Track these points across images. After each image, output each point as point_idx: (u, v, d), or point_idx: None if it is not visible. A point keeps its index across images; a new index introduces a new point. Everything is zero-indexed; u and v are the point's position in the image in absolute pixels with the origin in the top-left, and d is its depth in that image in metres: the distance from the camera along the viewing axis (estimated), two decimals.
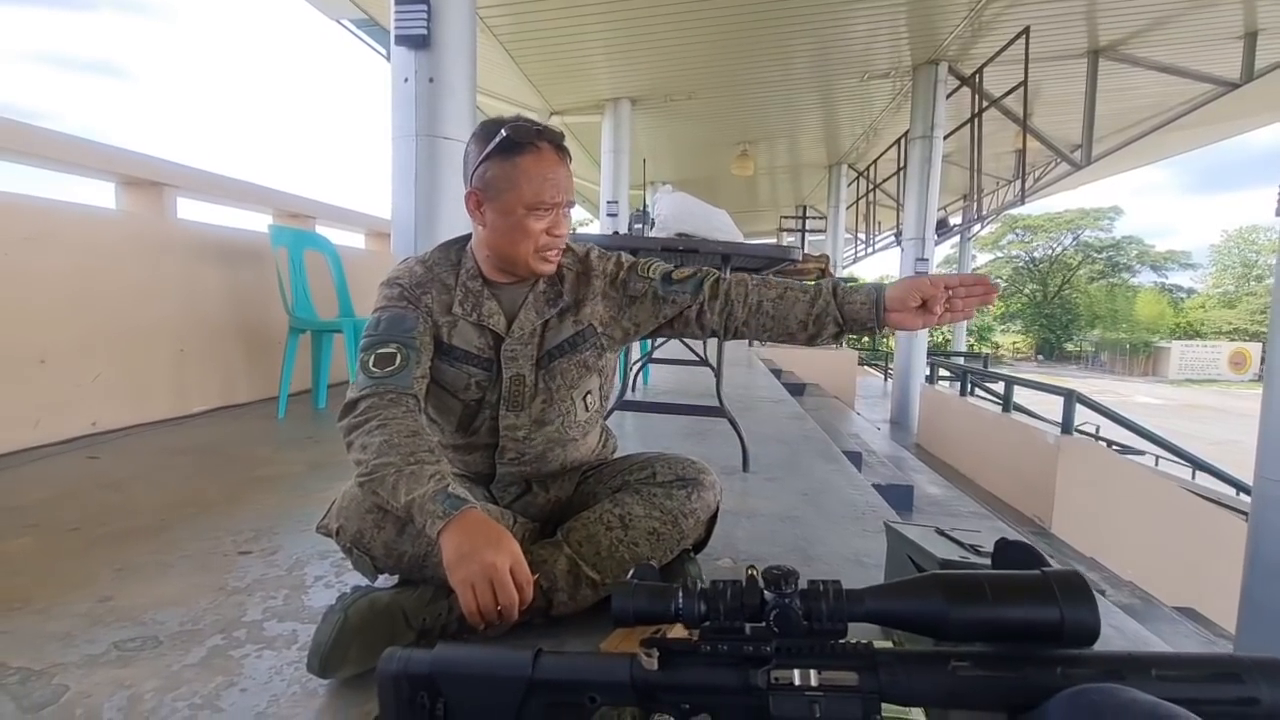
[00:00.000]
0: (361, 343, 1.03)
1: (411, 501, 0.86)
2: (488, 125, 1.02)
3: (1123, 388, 25.47)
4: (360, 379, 0.99)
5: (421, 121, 2.91)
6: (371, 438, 0.92)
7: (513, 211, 0.99)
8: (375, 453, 0.90)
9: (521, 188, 0.98)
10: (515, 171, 0.98)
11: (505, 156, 0.98)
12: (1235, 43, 6.09)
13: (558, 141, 1.02)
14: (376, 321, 1.04)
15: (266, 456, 2.07)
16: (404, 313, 1.04)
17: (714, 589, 0.64)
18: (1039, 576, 0.58)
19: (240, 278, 2.94)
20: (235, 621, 1.03)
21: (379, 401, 0.96)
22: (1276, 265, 2.65)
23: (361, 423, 0.95)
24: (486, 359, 1.08)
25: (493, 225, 1.02)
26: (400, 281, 1.07)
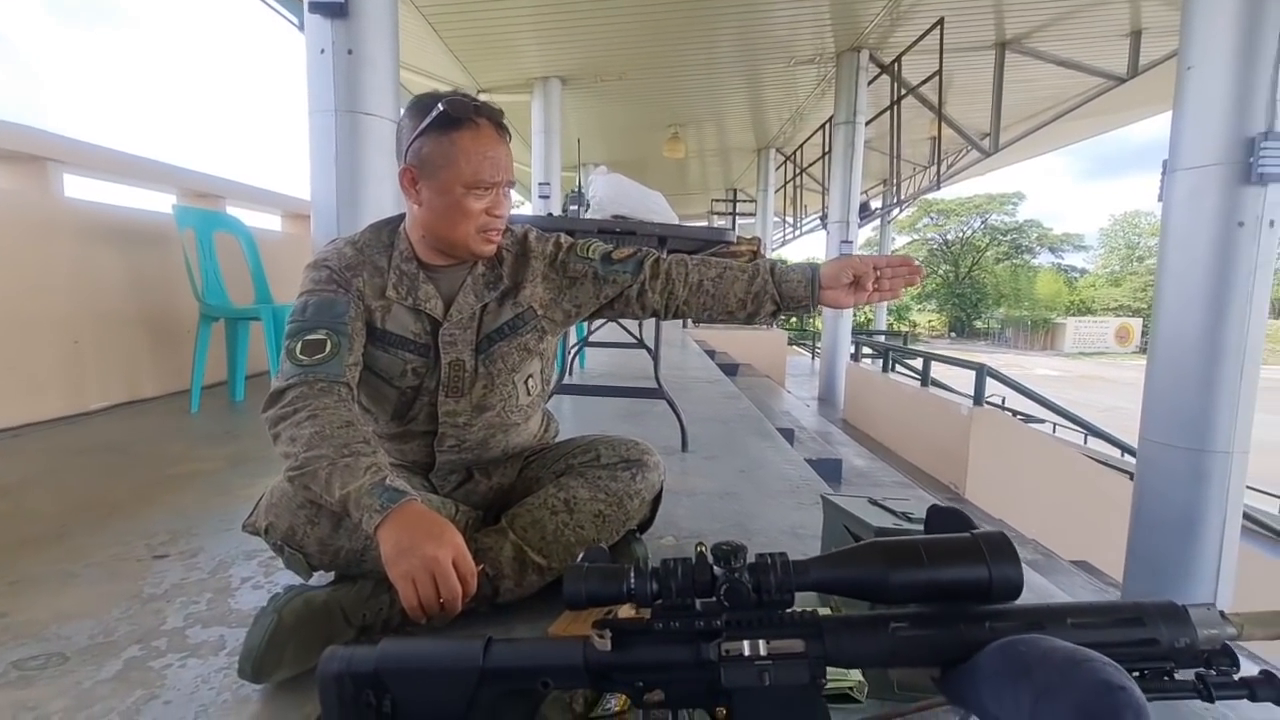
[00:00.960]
0: (286, 329, 0.97)
1: (346, 496, 0.82)
2: (423, 99, 0.97)
3: (1025, 361, 27.45)
4: (286, 367, 0.93)
5: (341, 96, 2.75)
6: (301, 429, 0.87)
7: (450, 190, 0.95)
8: (306, 445, 0.85)
9: (459, 165, 0.94)
10: (453, 149, 0.94)
11: (442, 132, 0.94)
12: (1123, 40, 6.58)
13: (497, 119, 0.99)
14: (303, 306, 0.98)
15: (180, 453, 1.93)
16: (333, 297, 0.98)
17: (665, 568, 0.64)
18: (969, 539, 0.62)
19: (142, 262, 2.71)
20: (154, 630, 0.97)
21: (308, 391, 0.91)
22: (1160, 247, 2.91)
23: (290, 413, 0.89)
24: (423, 344, 1.03)
25: (429, 204, 0.97)
26: (328, 264, 1.00)
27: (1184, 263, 2.77)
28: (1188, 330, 2.75)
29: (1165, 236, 2.86)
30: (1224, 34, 2.58)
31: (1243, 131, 2.57)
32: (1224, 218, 2.64)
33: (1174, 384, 2.83)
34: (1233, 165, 2.59)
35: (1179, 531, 2.81)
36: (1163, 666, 0.59)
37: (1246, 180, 2.57)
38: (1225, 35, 2.57)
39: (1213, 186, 2.65)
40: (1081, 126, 9.45)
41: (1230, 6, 2.56)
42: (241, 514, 1.44)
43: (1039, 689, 0.49)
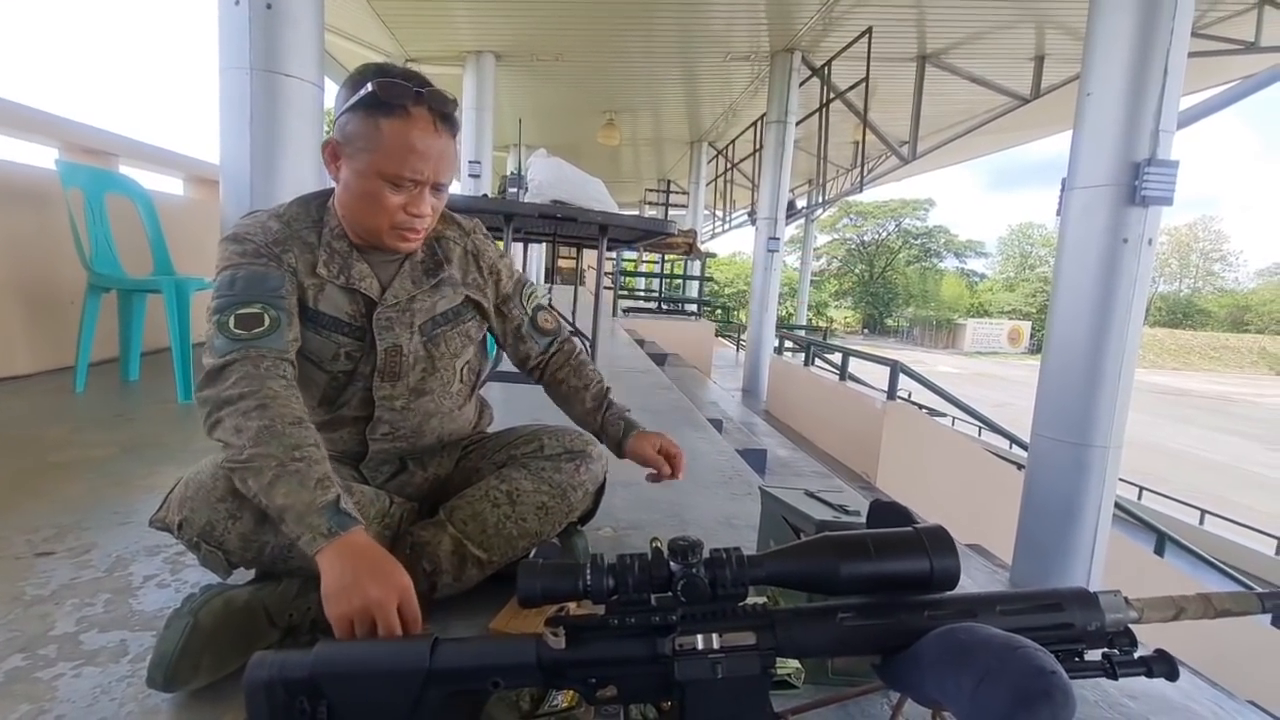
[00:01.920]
0: (212, 305, 0.87)
1: (287, 506, 0.75)
2: (365, 71, 0.89)
3: (929, 358, 29.33)
4: (219, 342, 0.83)
5: (257, 53, 2.55)
6: (249, 420, 0.78)
7: (368, 177, 0.87)
8: (253, 439, 0.77)
9: (380, 153, 0.86)
10: (376, 134, 0.86)
11: (369, 113, 0.86)
12: (1027, 64, 7.09)
13: (441, 109, 0.89)
14: (230, 281, 0.88)
15: (63, 438, 1.75)
16: (265, 271, 0.89)
17: (621, 563, 0.64)
18: (912, 533, 0.65)
19: (15, 222, 2.42)
20: (40, 637, 0.87)
21: (254, 370, 0.82)
22: (1056, 259, 3.16)
23: (235, 397, 0.80)
24: (358, 327, 0.97)
25: (345, 184, 0.91)
26: (252, 238, 0.91)
27: (1076, 273, 3.02)
28: (1077, 335, 3.01)
29: (1061, 249, 3.11)
30: (1118, 66, 2.82)
31: (1130, 156, 2.83)
32: (1111, 234, 2.90)
33: (1063, 384, 3.09)
34: (1120, 187, 2.85)
35: (1061, 518, 3.09)
36: (1075, 648, 0.64)
37: (1131, 201, 2.83)
38: (1120, 67, 2.82)
39: (1103, 205, 2.90)
40: (988, 141, 10.12)
41: (1125, 42, 2.80)
42: (141, 506, 1.33)
43: (979, 673, 0.52)
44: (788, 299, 23.85)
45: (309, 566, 0.87)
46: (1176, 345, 36.11)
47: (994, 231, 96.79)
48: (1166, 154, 2.81)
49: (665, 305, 10.82)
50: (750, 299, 8.05)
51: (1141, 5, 2.77)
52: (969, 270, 42.80)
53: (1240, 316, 38.81)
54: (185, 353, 2.21)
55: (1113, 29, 2.84)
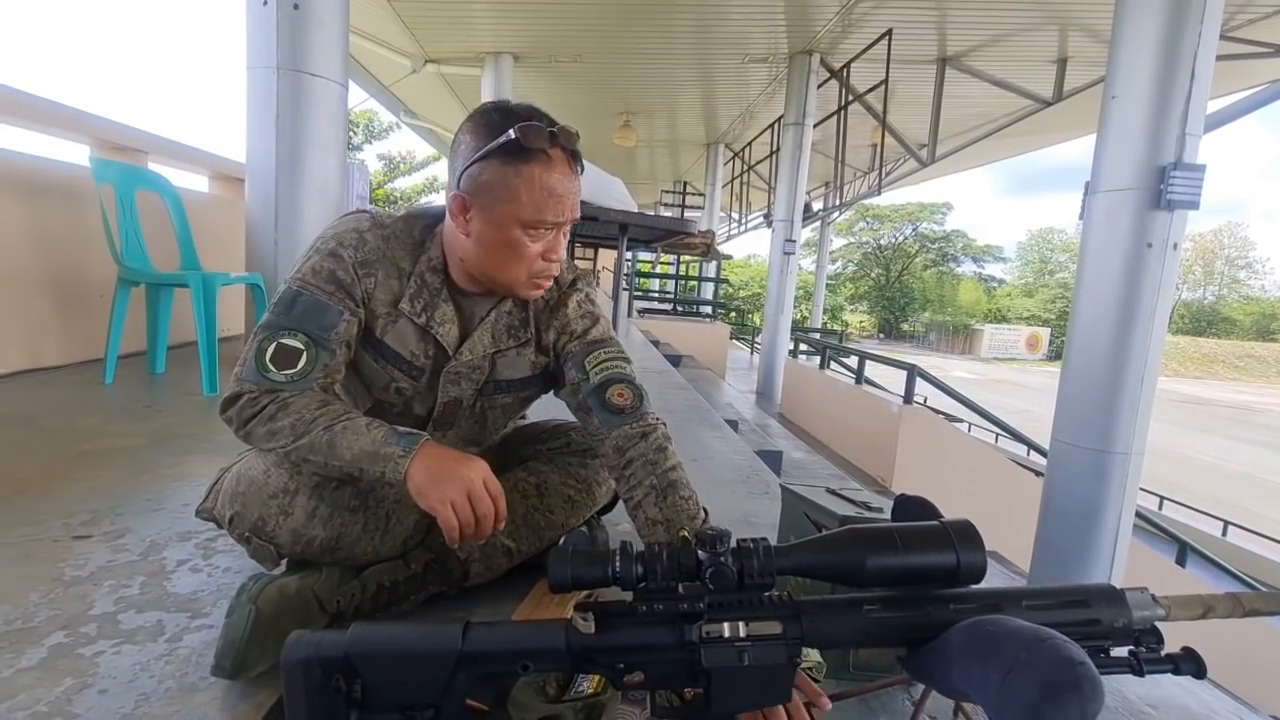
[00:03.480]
0: (265, 319, 0.86)
1: (356, 457, 0.78)
2: (489, 116, 0.85)
3: (945, 363, 29.06)
4: (248, 369, 0.83)
5: (284, 53, 2.60)
6: (278, 421, 0.81)
7: (507, 227, 0.84)
8: (291, 429, 0.80)
9: (522, 201, 0.83)
10: (518, 181, 0.83)
11: (508, 161, 0.82)
12: (1050, 66, 7.01)
13: (572, 147, 0.86)
14: (291, 300, 0.86)
15: (95, 428, 1.79)
16: (327, 303, 0.86)
17: (650, 551, 0.65)
18: (939, 527, 0.66)
19: (50, 218, 2.48)
20: (80, 616, 0.90)
21: (269, 401, 0.83)
22: (1079, 263, 3.13)
23: (257, 411, 0.82)
24: (418, 368, 0.95)
25: (479, 238, 0.86)
26: (343, 252, 0.88)
27: (1098, 278, 2.99)
28: (1098, 341, 2.98)
29: (1084, 253, 3.08)
30: (1145, 70, 2.79)
31: (1155, 160, 2.80)
32: (1135, 239, 2.87)
33: (1084, 390, 3.06)
34: (1145, 191, 2.82)
35: (1081, 525, 3.05)
36: (1101, 644, 0.64)
37: (1156, 205, 2.80)
38: (1146, 71, 2.79)
39: (1127, 209, 2.87)
40: (1008, 144, 10.03)
41: (1152, 45, 2.77)
42: (171, 494, 1.36)
43: (1008, 664, 0.53)
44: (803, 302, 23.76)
45: (349, 559, 0.90)
46: (1200, 354, 35.50)
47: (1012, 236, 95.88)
48: (1193, 158, 2.78)
49: (680, 307, 10.82)
50: (765, 301, 8.04)
51: (1169, 8, 2.74)
52: (987, 275, 42.38)
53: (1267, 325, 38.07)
54: (211, 346, 2.25)
55: (1139, 31, 2.82)
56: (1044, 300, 38.30)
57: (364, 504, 0.90)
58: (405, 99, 9.74)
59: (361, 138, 16.67)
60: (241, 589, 0.80)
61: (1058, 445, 3.17)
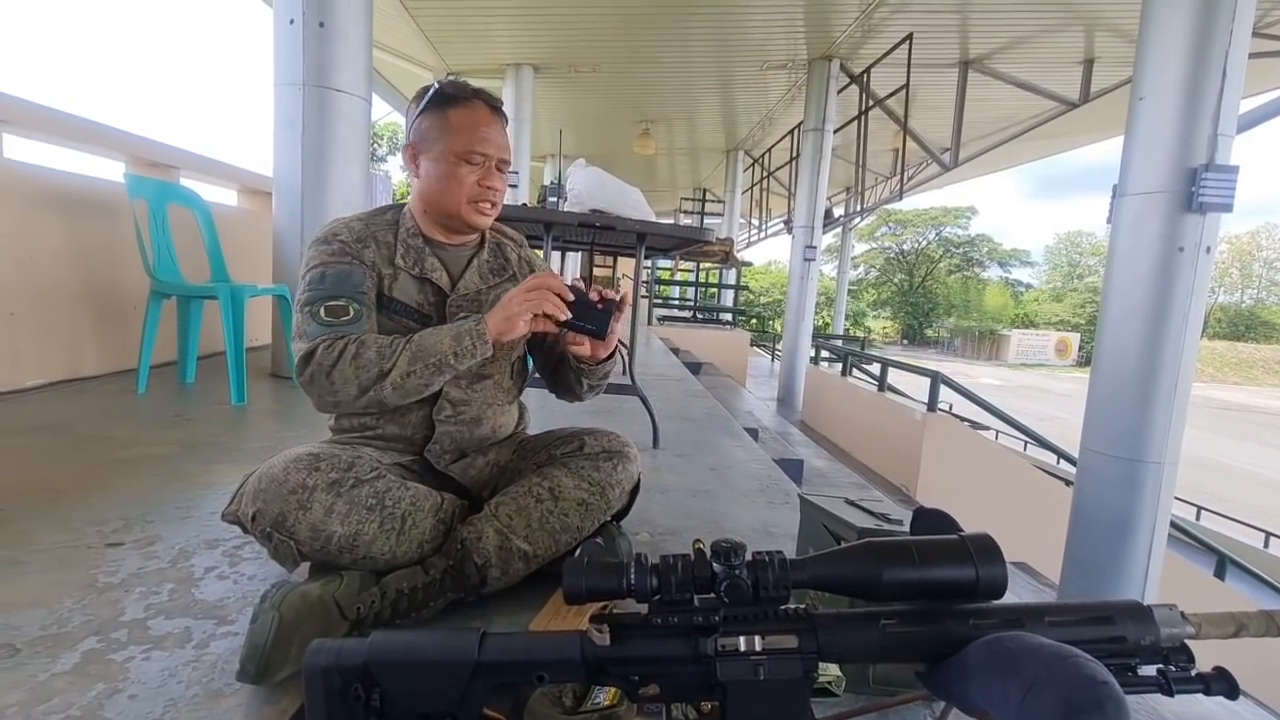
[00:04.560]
0: (303, 297, 1.00)
1: (446, 344, 0.95)
2: (425, 87, 1.07)
3: (971, 369, 28.55)
4: (311, 328, 0.97)
5: (310, 69, 2.67)
6: (363, 355, 0.94)
7: (444, 160, 1.03)
8: (378, 351, 0.94)
9: (453, 137, 1.03)
10: (446, 123, 1.03)
11: (438, 109, 1.04)
12: (1076, 67, 6.90)
13: (491, 101, 1.07)
14: (320, 277, 1.01)
15: (128, 436, 1.84)
16: (349, 268, 1.03)
17: (665, 564, 0.65)
18: (957, 541, 0.65)
19: (87, 232, 2.56)
20: (111, 622, 0.92)
21: (346, 341, 0.96)
22: (1106, 267, 3.06)
23: (338, 354, 0.94)
24: (425, 315, 1.09)
25: (426, 175, 1.05)
26: (340, 238, 1.05)
27: (1127, 283, 2.93)
28: (1128, 347, 2.91)
29: (1112, 257, 3.01)
30: (1174, 70, 2.73)
31: (1186, 162, 2.73)
32: (1166, 242, 2.80)
33: (1113, 397, 2.99)
34: (1176, 193, 2.75)
35: (1112, 536, 2.97)
36: (1128, 662, 0.62)
37: (1188, 208, 2.74)
38: (1175, 71, 2.73)
39: (1157, 212, 2.81)
40: (1033, 147, 9.86)
41: (1181, 44, 2.72)
42: (201, 502, 1.40)
43: (1028, 682, 0.51)
44: (824, 308, 23.53)
45: (366, 562, 0.93)
46: (1238, 359, 34.40)
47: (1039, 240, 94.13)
48: (1226, 159, 2.71)
49: (700, 314, 10.80)
50: (786, 308, 7.99)
51: (1199, 5, 2.68)
52: (1013, 280, 41.59)
53: None
54: (239, 356, 2.31)
55: (1167, 30, 2.76)
56: (1073, 305, 37.46)
57: (380, 503, 0.94)
58: None
59: (385, 149, 17.00)
60: (265, 595, 0.82)
61: (1087, 454, 3.10)
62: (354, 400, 0.95)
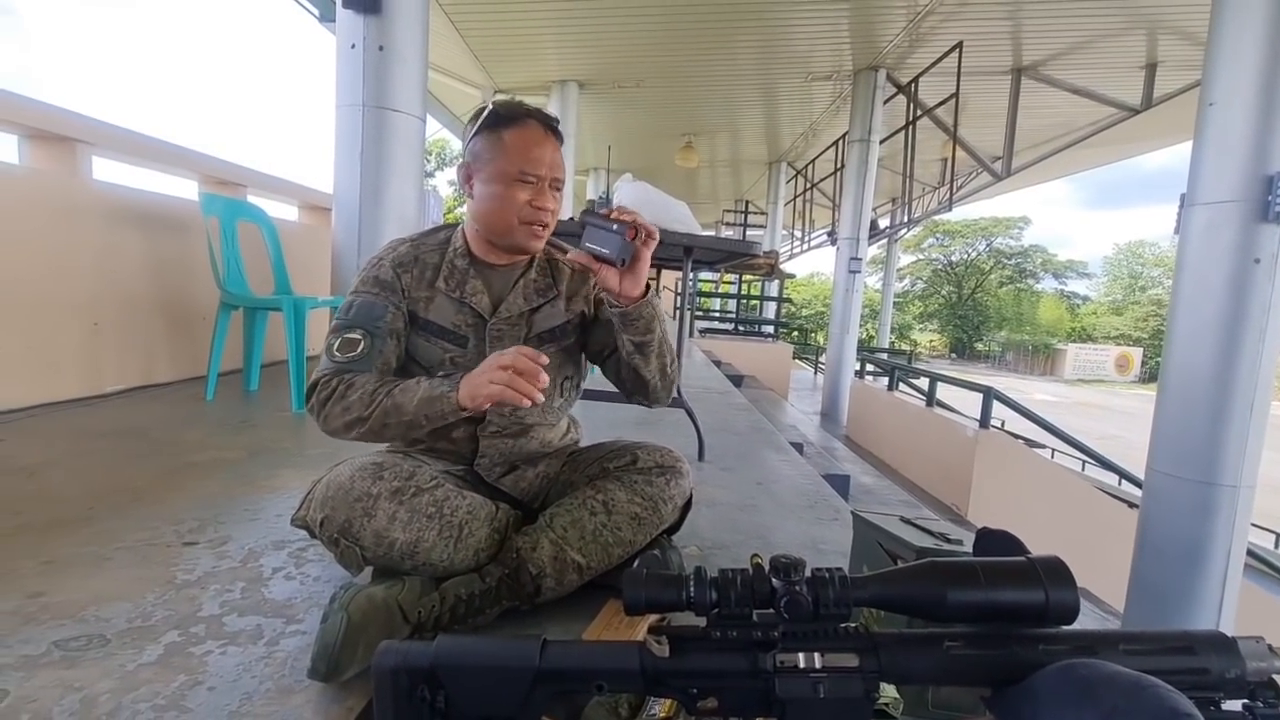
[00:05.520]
0: (333, 324, 1.06)
1: (420, 403, 0.94)
2: (479, 108, 1.08)
3: (1024, 385, 27.51)
4: (323, 362, 1.03)
5: (369, 91, 2.78)
6: (349, 397, 0.97)
7: (497, 180, 1.03)
8: (361, 396, 0.97)
9: (507, 157, 1.03)
10: (499, 143, 1.03)
11: (492, 129, 1.04)
12: (1138, 72, 6.64)
13: (546, 120, 1.06)
14: (349, 306, 1.07)
15: (199, 441, 1.94)
16: (374, 300, 1.06)
17: (724, 577, 0.65)
18: (1025, 562, 0.63)
19: (163, 247, 2.73)
20: (190, 617, 0.97)
21: (338, 381, 1.01)
22: (1175, 280, 2.93)
23: (328, 396, 0.99)
24: (462, 336, 1.10)
25: (479, 195, 1.06)
26: (384, 260, 1.09)
27: (1198, 296, 2.79)
28: (1199, 363, 2.77)
29: (1180, 269, 2.88)
30: (1247, 73, 2.61)
31: (1261, 169, 2.60)
32: (1240, 253, 2.66)
33: (1183, 416, 2.84)
34: (1250, 202, 2.62)
35: (1183, 563, 2.82)
36: (1211, 696, 0.60)
37: (1264, 218, 2.60)
38: (1248, 74, 2.61)
39: (1230, 222, 2.68)
40: (1092, 154, 9.51)
41: (1254, 46, 2.60)
42: (267, 504, 1.46)
43: (1105, 712, 0.50)
44: (869, 321, 23.02)
45: (426, 568, 0.96)
46: None
47: (1096, 250, 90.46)
48: None
49: (741, 326, 10.74)
50: (830, 321, 7.88)
51: (1273, 5, 2.56)
52: (1069, 292, 39.96)
53: None
54: (300, 365, 2.41)
55: (1239, 32, 2.64)
56: (1135, 318, 35.70)
57: (439, 511, 0.98)
58: None
59: (434, 164, 17.53)
60: (334, 597, 0.86)
61: (1155, 476, 2.95)
62: (343, 435, 0.99)
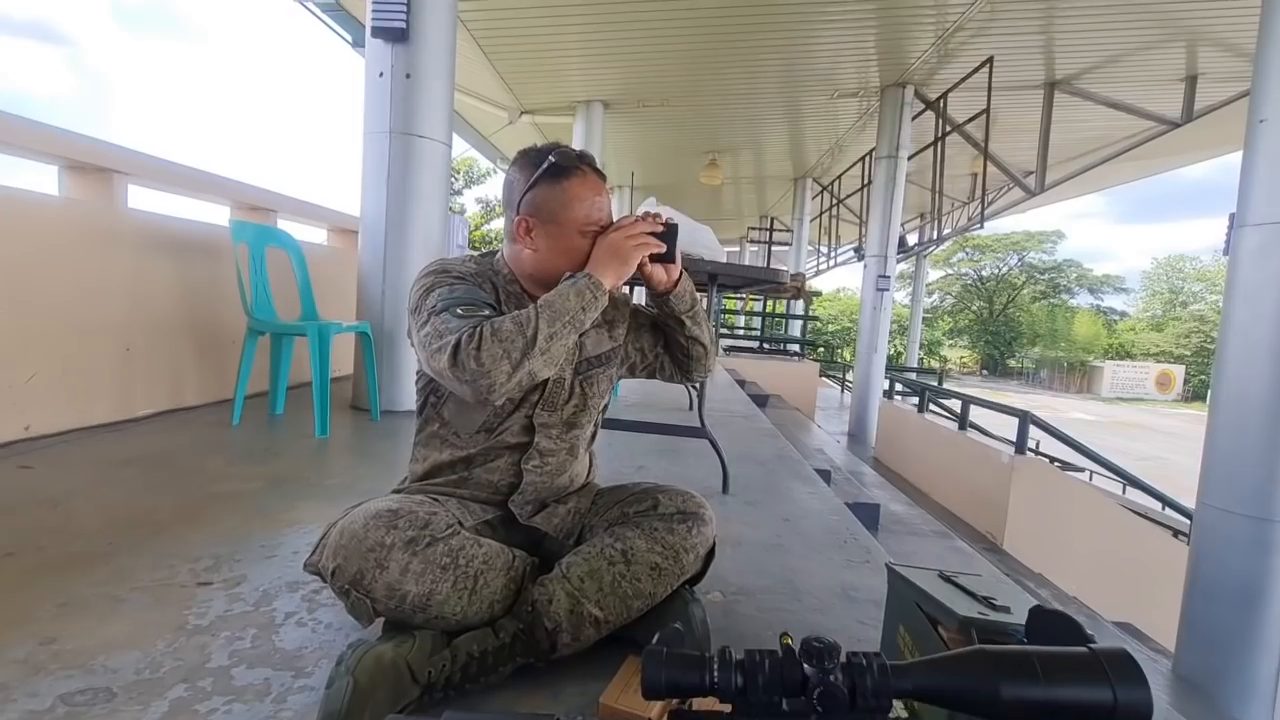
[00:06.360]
0: (436, 305, 0.99)
1: (570, 299, 0.97)
2: (530, 154, 1.06)
3: (1059, 403, 26.72)
4: (453, 324, 0.95)
5: (396, 118, 2.81)
6: (501, 330, 0.92)
7: (565, 233, 1.04)
8: (512, 324, 0.93)
9: (573, 209, 1.03)
10: (565, 195, 1.03)
11: (554, 181, 1.04)
12: (1177, 85, 6.45)
13: (596, 165, 1.08)
14: (450, 289, 1.02)
15: (221, 470, 1.94)
16: (479, 287, 1.06)
17: (751, 660, 0.60)
18: (1089, 655, 0.57)
19: (194, 273, 2.77)
20: (199, 668, 0.95)
21: (477, 329, 0.94)
22: (1225, 302, 2.80)
23: (479, 339, 0.92)
24: None
25: (544, 249, 1.06)
26: (457, 270, 1.07)
27: (1250, 320, 2.66)
28: (1254, 392, 2.63)
29: (1231, 291, 2.75)
30: None
31: None
32: None
33: (1236, 448, 2.70)
34: None
35: (1239, 603, 2.66)
36: None
37: None
38: None
39: None
40: (1130, 168, 9.27)
41: None
42: (284, 541, 1.44)
43: None
44: (897, 337, 22.64)
45: (439, 621, 0.92)
46: None
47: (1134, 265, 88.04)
48: None
49: (767, 345, 10.63)
50: (858, 339, 7.74)
51: None
52: (1105, 308, 38.84)
53: None
54: (324, 391, 2.42)
55: None
56: (1176, 335, 34.48)
57: (454, 561, 0.93)
58: (502, 147, 10.32)
59: (462, 183, 17.83)
60: (340, 658, 0.82)
61: (1206, 510, 2.80)
62: (507, 380, 0.92)
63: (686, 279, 1.16)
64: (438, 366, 0.95)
